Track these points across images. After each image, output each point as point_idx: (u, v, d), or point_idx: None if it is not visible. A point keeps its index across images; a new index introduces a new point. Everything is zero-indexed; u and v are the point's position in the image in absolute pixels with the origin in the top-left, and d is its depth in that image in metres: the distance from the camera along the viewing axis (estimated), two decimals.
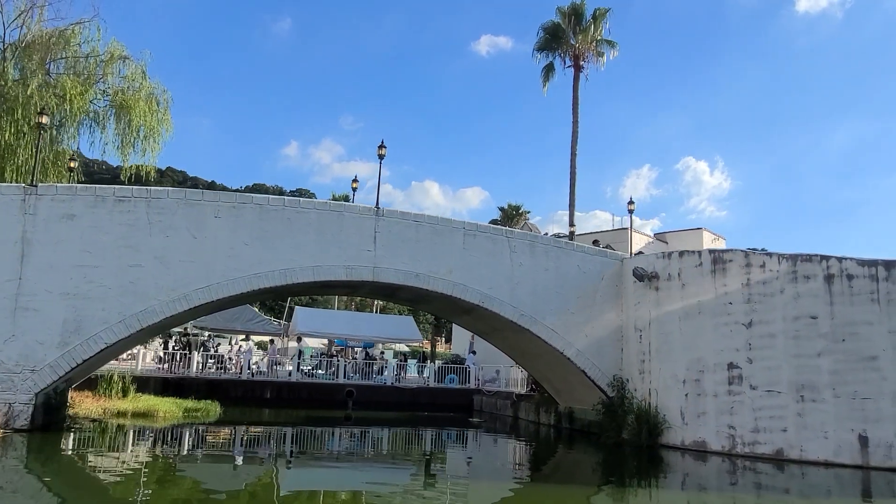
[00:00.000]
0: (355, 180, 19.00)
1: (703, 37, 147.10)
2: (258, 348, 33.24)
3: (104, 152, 21.99)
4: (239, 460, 13.78)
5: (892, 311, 13.70)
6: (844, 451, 13.48)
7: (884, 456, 13.22)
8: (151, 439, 15.25)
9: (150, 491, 9.73)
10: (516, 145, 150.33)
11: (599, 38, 31.61)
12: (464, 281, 16.45)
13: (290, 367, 28.10)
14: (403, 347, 40.68)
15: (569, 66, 32.00)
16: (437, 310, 24.19)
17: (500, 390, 27.66)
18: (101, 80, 21.25)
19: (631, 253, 20.87)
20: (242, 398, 25.29)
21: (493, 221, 46.28)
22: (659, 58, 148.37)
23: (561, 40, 31.70)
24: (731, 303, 15.10)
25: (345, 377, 28.07)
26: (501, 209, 57.03)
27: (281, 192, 77.39)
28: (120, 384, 18.40)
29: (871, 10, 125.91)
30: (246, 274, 14.70)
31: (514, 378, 27.40)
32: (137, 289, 13.96)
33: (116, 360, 22.99)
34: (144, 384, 23.20)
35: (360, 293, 20.67)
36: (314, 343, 38.07)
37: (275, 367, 27.84)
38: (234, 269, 14.61)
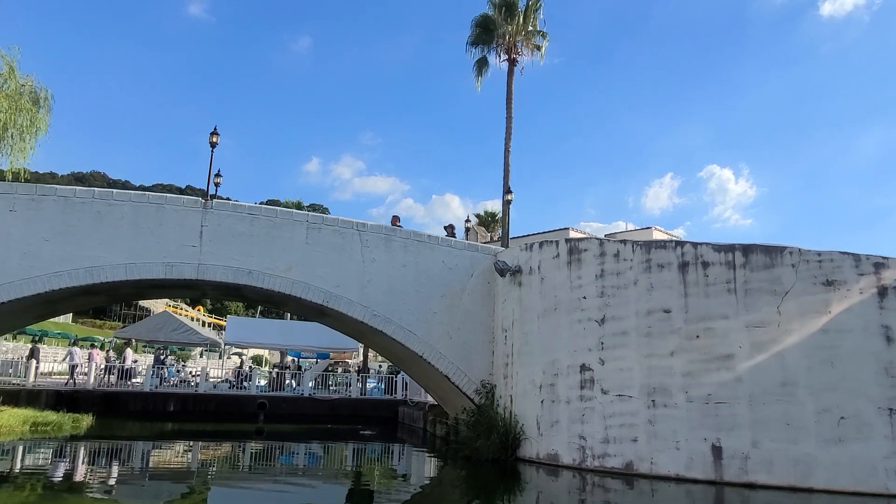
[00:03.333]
0: (219, 174, 17.66)
1: (725, 43, 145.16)
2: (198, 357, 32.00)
3: None
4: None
5: (750, 302, 11.93)
6: (697, 463, 11.70)
7: (738, 469, 11.41)
8: None
9: None
10: (536, 154, 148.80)
11: (533, 29, 30.10)
12: (305, 279, 15.00)
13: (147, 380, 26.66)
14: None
15: (504, 60, 30.54)
16: (294, 311, 22.75)
17: (422, 401, 26.02)
18: None
19: (507, 243, 19.26)
20: (143, 412, 24.02)
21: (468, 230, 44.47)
22: (679, 66, 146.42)
23: (493, 33, 30.24)
24: (584, 297, 13.44)
25: (257, 388, 26.65)
26: (477, 216, 55.56)
27: (299, 206, 77.25)
28: None
29: None
30: (45, 273, 13.41)
31: None
32: None
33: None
34: (35, 398, 22.08)
35: (200, 293, 19.25)
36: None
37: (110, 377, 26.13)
38: (30, 267, 13.34)
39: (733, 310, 11.99)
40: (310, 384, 27.20)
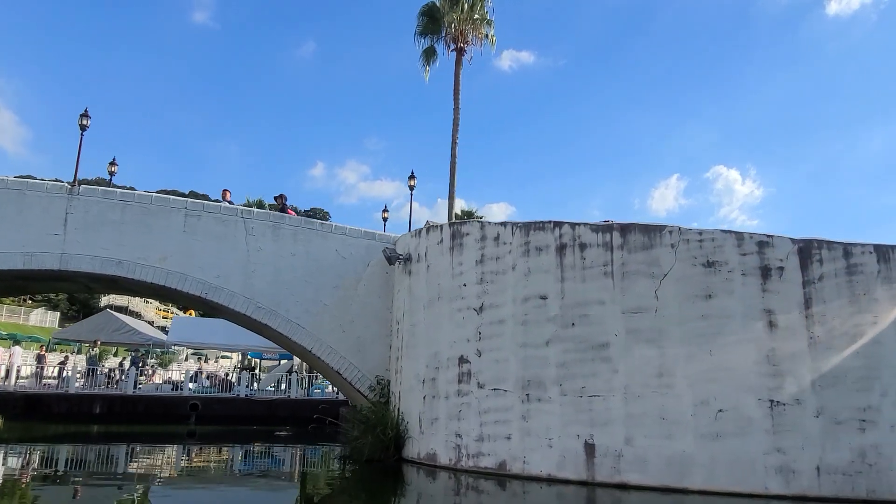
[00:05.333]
0: (113, 162, 16.83)
1: (730, 43, 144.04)
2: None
3: None
4: None
5: (627, 286, 10.94)
6: (569, 462, 10.71)
7: (611, 468, 10.41)
8: None
9: None
10: (541, 156, 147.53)
11: (480, 17, 29.17)
12: (182, 269, 14.10)
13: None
14: None
15: (453, 50, 29.64)
16: (190, 305, 21.75)
17: None
18: None
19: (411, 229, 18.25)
20: (68, 414, 23.16)
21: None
22: (685, 66, 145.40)
23: (439, 22, 29.36)
24: (465, 284, 12.47)
25: (190, 389, 25.76)
26: (456, 215, 54.60)
27: (296, 213, 76.84)
28: None
29: None
30: None
31: None
32: None
33: None
34: None
35: (77, 286, 18.35)
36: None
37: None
38: None
39: (610, 295, 11.01)
40: (244, 385, 26.27)
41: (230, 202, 16.03)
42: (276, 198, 17.00)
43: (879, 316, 10.03)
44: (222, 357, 53.81)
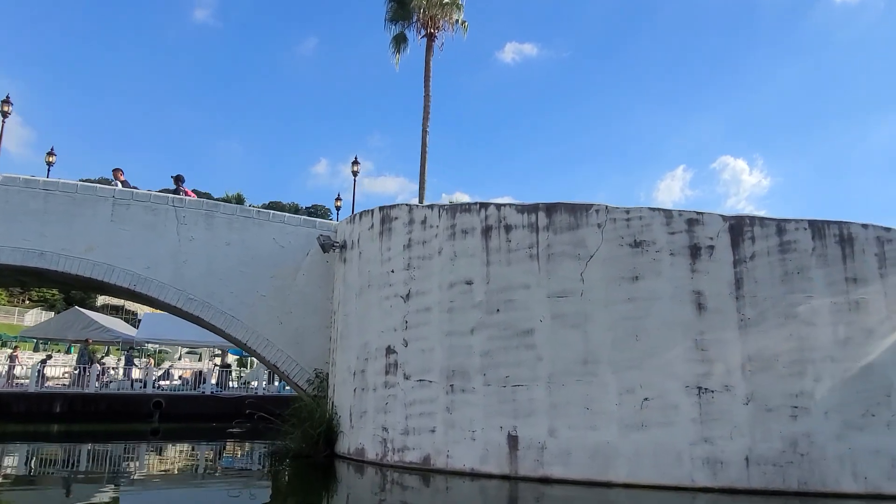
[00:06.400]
0: (51, 152, 16.30)
1: (735, 33, 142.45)
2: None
3: None
4: None
5: (553, 269, 10.36)
6: (492, 455, 10.15)
7: (534, 461, 9.85)
8: None
9: None
10: (546, 148, 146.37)
11: (450, 1, 28.59)
12: (109, 260, 13.57)
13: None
14: None
15: (423, 36, 29.08)
16: (126, 298, 21.18)
17: None
18: None
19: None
20: (27, 413, 22.71)
21: None
22: (690, 57, 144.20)
23: (408, 8, 28.81)
24: (392, 271, 11.91)
25: (154, 387, 25.28)
26: None
27: (296, 210, 76.51)
28: None
29: None
30: None
31: None
32: None
33: None
34: None
35: (7, 280, 17.88)
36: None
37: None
38: None
39: (535, 278, 10.43)
40: (213, 381, 25.80)
41: (124, 182, 15.45)
42: (173, 178, 16.20)
43: (814, 295, 9.44)
44: (216, 355, 53.40)
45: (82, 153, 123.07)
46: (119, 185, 15.05)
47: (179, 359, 50.55)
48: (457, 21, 29.07)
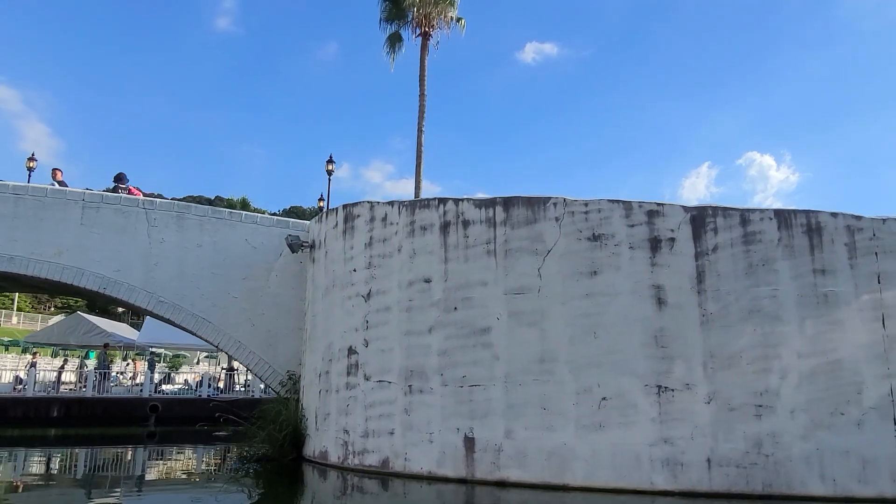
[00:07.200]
0: (32, 157, 16.36)
1: (759, 25, 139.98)
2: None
3: None
4: None
5: (510, 265, 10.02)
6: (449, 458, 9.83)
7: (490, 464, 9.51)
8: None
9: None
10: (567, 149, 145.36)
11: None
12: (79, 263, 13.51)
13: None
14: None
15: (418, 35, 28.82)
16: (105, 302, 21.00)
17: None
18: None
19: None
20: (24, 418, 22.88)
21: None
22: (712, 51, 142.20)
23: (403, 7, 28.55)
24: (354, 270, 11.65)
25: (151, 390, 25.34)
26: None
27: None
28: None
29: None
30: None
31: None
32: None
33: None
34: None
35: None
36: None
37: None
38: None
39: (492, 275, 10.09)
40: (219, 385, 25.82)
41: (61, 182, 15.35)
42: (114, 178, 15.91)
43: (780, 288, 8.98)
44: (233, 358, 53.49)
45: (108, 161, 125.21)
46: (56, 185, 15.02)
47: (198, 363, 50.88)
48: (452, 18, 28.74)
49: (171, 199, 17.40)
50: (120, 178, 15.68)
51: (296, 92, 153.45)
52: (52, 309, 68.14)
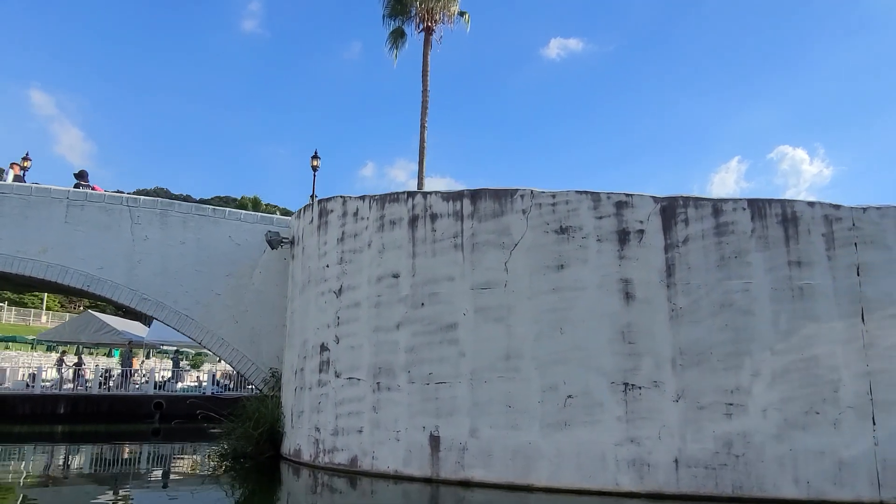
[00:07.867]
0: (26, 157, 16.55)
1: (790, 15, 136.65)
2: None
3: None
4: None
5: (477, 259, 9.75)
6: (415, 457, 9.61)
7: (455, 463, 9.27)
8: None
9: None
10: (594, 146, 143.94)
11: None
12: (63, 261, 13.58)
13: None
14: None
15: (421, 31, 28.62)
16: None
17: None
18: None
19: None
20: (31, 415, 23.24)
21: None
22: (741, 43, 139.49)
23: (406, 3, 28.38)
24: (327, 265, 11.49)
25: (155, 388, 25.56)
26: None
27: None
28: None
29: None
30: None
31: None
32: None
33: None
34: None
35: None
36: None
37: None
38: None
39: (459, 270, 9.84)
40: (225, 383, 25.97)
41: (17, 177, 15.40)
42: (74, 175, 15.85)
43: (753, 281, 8.58)
44: None
45: (140, 164, 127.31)
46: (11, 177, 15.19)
47: (220, 361, 51.41)
48: (455, 13, 28.47)
49: (198, 201, 17.41)
50: (81, 176, 15.69)
51: (321, 92, 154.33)
52: (81, 308, 69.46)
